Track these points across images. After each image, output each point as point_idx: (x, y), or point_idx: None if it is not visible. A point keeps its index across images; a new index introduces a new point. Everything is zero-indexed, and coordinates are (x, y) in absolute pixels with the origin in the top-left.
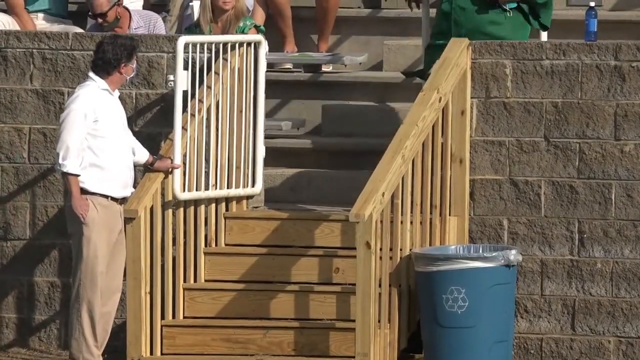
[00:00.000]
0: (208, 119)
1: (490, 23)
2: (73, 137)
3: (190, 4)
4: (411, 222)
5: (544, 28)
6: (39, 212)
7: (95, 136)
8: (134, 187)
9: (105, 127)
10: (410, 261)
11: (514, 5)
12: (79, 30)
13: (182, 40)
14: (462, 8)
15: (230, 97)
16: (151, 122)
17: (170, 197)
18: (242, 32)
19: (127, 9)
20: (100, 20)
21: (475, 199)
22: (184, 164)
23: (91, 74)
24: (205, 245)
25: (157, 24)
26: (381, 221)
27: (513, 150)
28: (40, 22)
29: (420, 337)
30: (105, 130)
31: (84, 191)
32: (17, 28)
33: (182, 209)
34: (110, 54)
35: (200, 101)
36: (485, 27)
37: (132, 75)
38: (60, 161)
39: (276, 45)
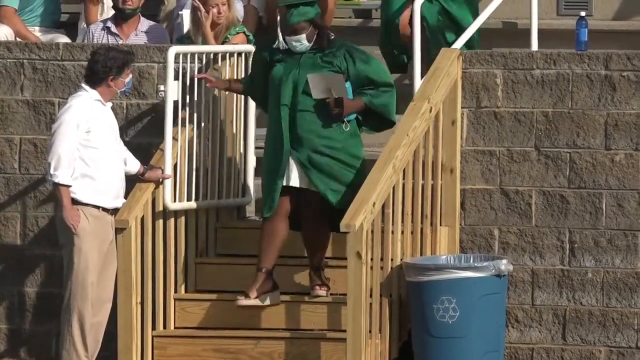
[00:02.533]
0: (199, 129)
1: (326, 139)
2: (65, 148)
3: (180, 12)
4: (402, 232)
5: (391, 124)
6: (30, 222)
7: (87, 147)
8: (125, 197)
9: (98, 138)
10: (401, 271)
11: (353, 116)
12: (67, 39)
13: (173, 50)
14: (303, 116)
15: (221, 107)
16: (142, 132)
17: (161, 207)
18: (229, 35)
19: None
20: (123, 5)
21: (466, 208)
22: (175, 174)
23: (83, 84)
24: (196, 256)
25: (162, 39)
26: (372, 231)
27: (504, 159)
28: (37, 35)
29: (411, 347)
30: (97, 141)
31: (75, 202)
32: (15, 39)
33: (172, 219)
34: (100, 65)
35: (191, 111)
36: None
37: (123, 89)
38: (51, 171)
39: None
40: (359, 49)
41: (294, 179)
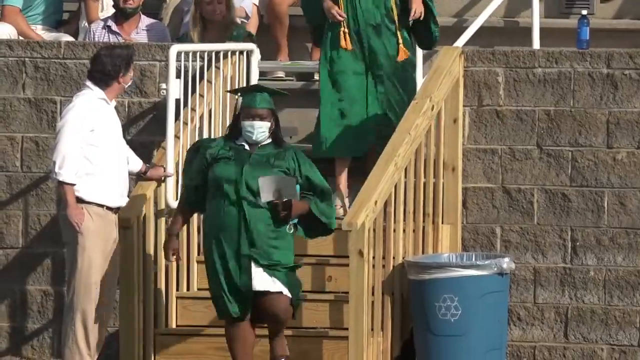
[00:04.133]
0: (200, 128)
1: (274, 239)
2: (69, 146)
3: (186, 9)
4: (404, 230)
5: (328, 231)
6: (32, 220)
7: (91, 145)
8: (128, 196)
9: (102, 136)
10: (403, 269)
11: (296, 220)
12: (71, 38)
13: (175, 48)
14: (253, 216)
15: (223, 105)
16: (144, 130)
17: (163, 206)
18: (237, 40)
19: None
20: (124, 4)
21: (468, 207)
22: (177, 172)
23: (88, 83)
24: (198, 254)
25: (162, 36)
26: (374, 229)
27: (505, 158)
28: (39, 34)
29: (413, 345)
30: (101, 139)
31: (79, 200)
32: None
33: None
34: (109, 66)
35: (193, 109)
36: (271, 242)
37: (129, 84)
38: (56, 170)
39: (268, 54)
40: (302, 153)
41: (260, 283)
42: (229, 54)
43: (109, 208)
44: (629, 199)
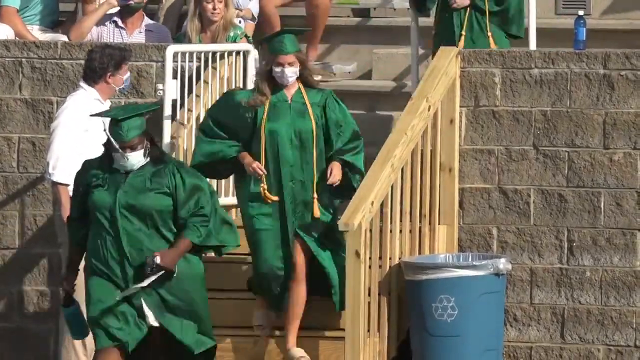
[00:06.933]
0: (197, 128)
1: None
2: (63, 147)
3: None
4: (400, 231)
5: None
6: (28, 221)
7: (85, 146)
8: None
9: (96, 136)
10: (399, 270)
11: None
12: (67, 39)
13: (171, 49)
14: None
15: None
16: None
17: None
18: (234, 41)
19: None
20: None
21: (465, 207)
22: None
23: (82, 83)
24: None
25: (165, 39)
26: (370, 230)
27: (502, 158)
28: (36, 34)
29: (410, 346)
30: (95, 139)
31: None
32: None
33: None
34: (97, 62)
35: (190, 110)
36: None
37: (122, 87)
38: (50, 170)
39: None
40: (185, 166)
41: (152, 319)
42: (226, 54)
43: None
44: (625, 200)
